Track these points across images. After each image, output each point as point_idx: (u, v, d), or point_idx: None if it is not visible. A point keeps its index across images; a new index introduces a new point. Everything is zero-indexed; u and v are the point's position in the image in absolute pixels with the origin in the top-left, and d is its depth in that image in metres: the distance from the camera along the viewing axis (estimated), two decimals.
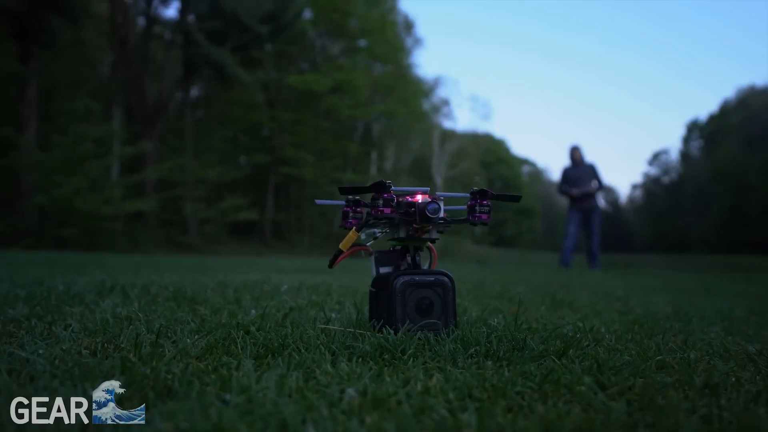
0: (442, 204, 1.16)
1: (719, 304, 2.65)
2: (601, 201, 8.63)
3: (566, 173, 8.10)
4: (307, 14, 21.64)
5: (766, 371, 1.01)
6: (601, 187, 7.98)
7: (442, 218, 1.15)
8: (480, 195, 1.16)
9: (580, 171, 8.00)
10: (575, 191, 7.83)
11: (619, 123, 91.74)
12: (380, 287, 1.21)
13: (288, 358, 0.94)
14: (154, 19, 19.08)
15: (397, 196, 1.15)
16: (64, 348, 0.97)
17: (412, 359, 0.96)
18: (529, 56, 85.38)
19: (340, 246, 1.20)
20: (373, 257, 1.29)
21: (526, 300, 2.27)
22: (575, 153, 8.07)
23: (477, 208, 1.15)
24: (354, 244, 1.22)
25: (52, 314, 1.36)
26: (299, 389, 0.76)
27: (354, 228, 1.20)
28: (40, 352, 0.92)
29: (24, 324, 1.20)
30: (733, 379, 0.92)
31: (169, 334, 1.13)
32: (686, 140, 43.75)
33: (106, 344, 1.03)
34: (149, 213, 16.88)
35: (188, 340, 1.06)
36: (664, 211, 42.06)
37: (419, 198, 1.15)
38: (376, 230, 1.25)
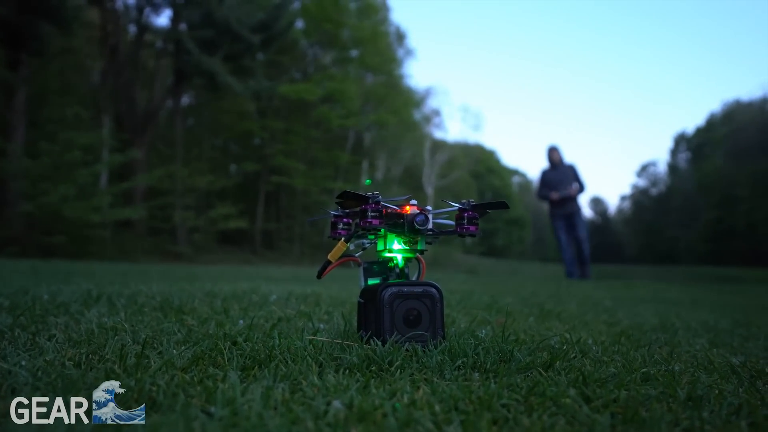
0: (430, 215, 1.17)
1: (705, 316, 2.68)
2: (581, 203, 8.11)
3: (545, 176, 7.57)
4: (299, 24, 21.72)
5: (749, 384, 1.02)
6: (583, 189, 7.40)
7: (430, 229, 1.16)
8: (468, 207, 1.17)
9: (559, 173, 7.46)
10: (555, 195, 7.30)
11: (608, 135, 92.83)
12: (368, 298, 1.21)
13: (275, 369, 0.93)
14: (145, 27, 19.03)
15: (385, 207, 1.16)
16: (47, 359, 0.96)
17: (399, 371, 0.96)
18: (520, 68, 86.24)
19: (329, 257, 1.21)
20: (361, 268, 1.30)
21: (515, 311, 2.28)
22: (553, 154, 7.55)
23: (465, 219, 1.16)
24: (343, 255, 1.22)
25: (36, 324, 1.34)
26: (285, 401, 0.76)
27: (343, 239, 1.20)
28: (23, 363, 0.91)
29: (7, 334, 1.18)
30: (717, 391, 0.93)
31: (155, 345, 1.13)
32: (674, 152, 44.31)
33: (90, 355, 1.02)
34: (138, 221, 16.73)
35: (174, 351, 1.05)
36: (652, 222, 42.45)
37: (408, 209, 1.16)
38: (364, 241, 1.26)
